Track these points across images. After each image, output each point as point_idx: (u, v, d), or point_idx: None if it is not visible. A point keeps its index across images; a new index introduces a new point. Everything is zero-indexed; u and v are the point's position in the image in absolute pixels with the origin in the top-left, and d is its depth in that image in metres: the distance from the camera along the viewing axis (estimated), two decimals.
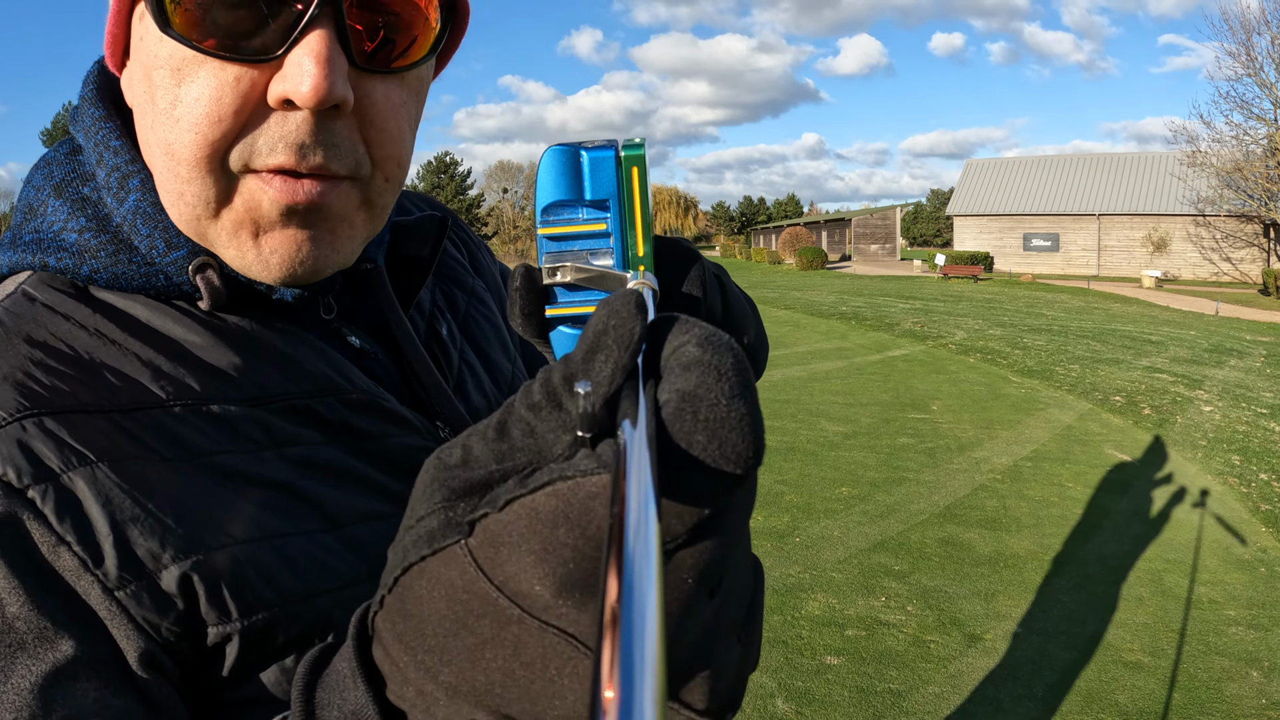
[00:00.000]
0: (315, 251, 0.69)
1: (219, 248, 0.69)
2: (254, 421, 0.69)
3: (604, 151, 0.55)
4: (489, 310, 1.01)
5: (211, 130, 0.62)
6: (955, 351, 15.07)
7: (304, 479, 0.69)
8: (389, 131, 0.69)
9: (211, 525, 0.63)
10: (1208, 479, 7.75)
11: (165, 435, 0.65)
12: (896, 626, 4.86)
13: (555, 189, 0.54)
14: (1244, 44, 40.87)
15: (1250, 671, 4.40)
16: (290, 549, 0.66)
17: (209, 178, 0.64)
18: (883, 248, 63.38)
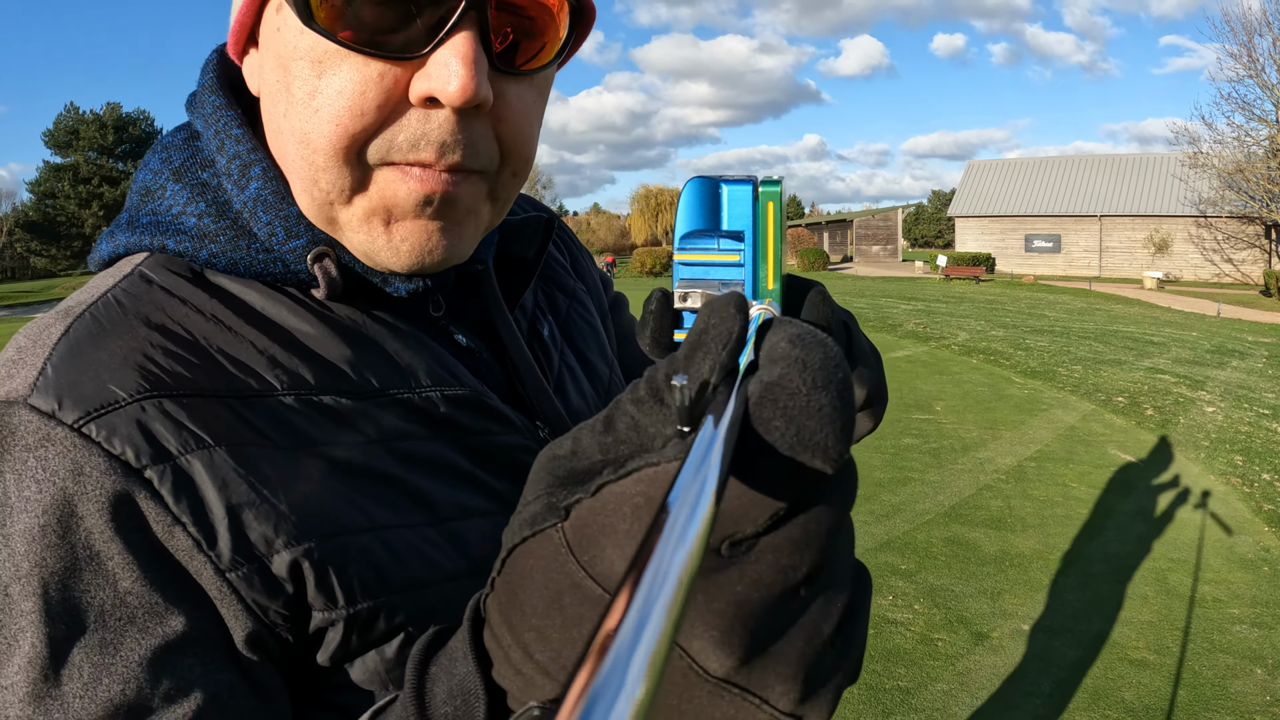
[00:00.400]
0: (444, 241, 0.70)
1: (348, 234, 0.71)
2: (364, 415, 0.70)
3: (742, 185, 0.57)
4: (589, 313, 1.02)
5: (353, 123, 0.64)
6: (958, 352, 15.10)
7: (411, 473, 0.71)
8: (520, 130, 0.70)
9: (322, 514, 0.65)
10: (1210, 479, 7.78)
11: (279, 423, 0.67)
12: (904, 625, 4.91)
13: (693, 218, 0.57)
14: (1245, 45, 40.87)
15: (1255, 669, 4.45)
16: (396, 541, 0.68)
17: (345, 168, 0.66)
18: (884, 249, 63.35)
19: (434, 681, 0.48)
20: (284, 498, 0.64)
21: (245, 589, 0.63)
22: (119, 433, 0.61)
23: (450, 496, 0.73)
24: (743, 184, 0.57)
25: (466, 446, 0.75)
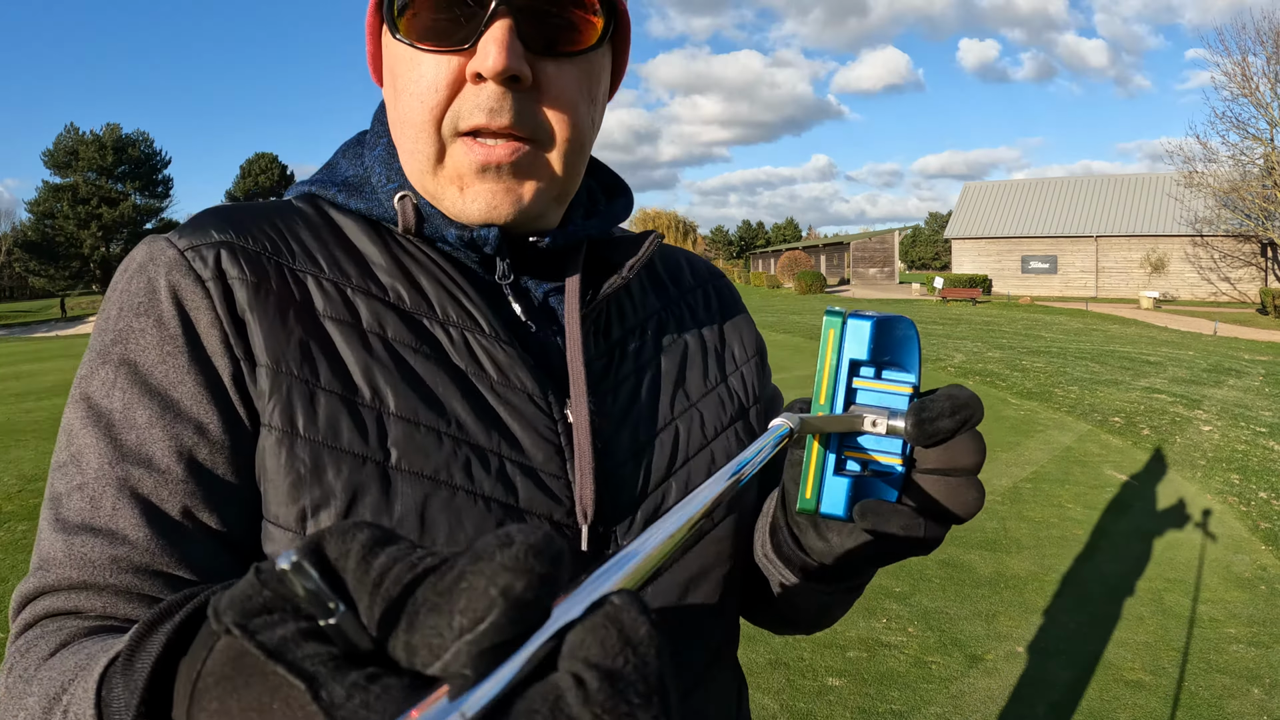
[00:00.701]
0: (507, 199, 0.87)
1: (440, 197, 0.89)
2: (378, 317, 0.86)
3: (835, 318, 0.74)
4: (696, 350, 1.06)
5: (431, 98, 0.84)
6: (954, 374, 15.09)
7: (388, 371, 0.83)
8: (563, 103, 0.86)
9: (307, 358, 0.81)
10: (1207, 498, 7.76)
11: (308, 291, 0.86)
12: (898, 648, 4.87)
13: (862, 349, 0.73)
14: (1239, 64, 41.12)
15: (1251, 689, 4.41)
16: (329, 402, 0.80)
17: (430, 138, 0.85)
18: (881, 271, 63.49)
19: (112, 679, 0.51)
20: (286, 336, 0.82)
21: (243, 382, 0.80)
22: (201, 256, 0.84)
23: (413, 403, 0.83)
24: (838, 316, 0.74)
25: (465, 381, 0.86)
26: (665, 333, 1.04)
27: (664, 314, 1.06)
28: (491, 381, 0.86)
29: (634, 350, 0.99)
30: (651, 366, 0.99)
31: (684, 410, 0.99)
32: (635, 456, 0.92)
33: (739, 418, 1.05)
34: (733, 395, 1.06)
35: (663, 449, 0.94)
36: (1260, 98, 40.61)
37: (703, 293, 1.13)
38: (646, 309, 1.04)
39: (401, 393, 0.82)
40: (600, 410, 0.90)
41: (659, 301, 1.07)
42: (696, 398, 1.01)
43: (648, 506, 0.91)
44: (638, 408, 0.95)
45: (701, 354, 1.06)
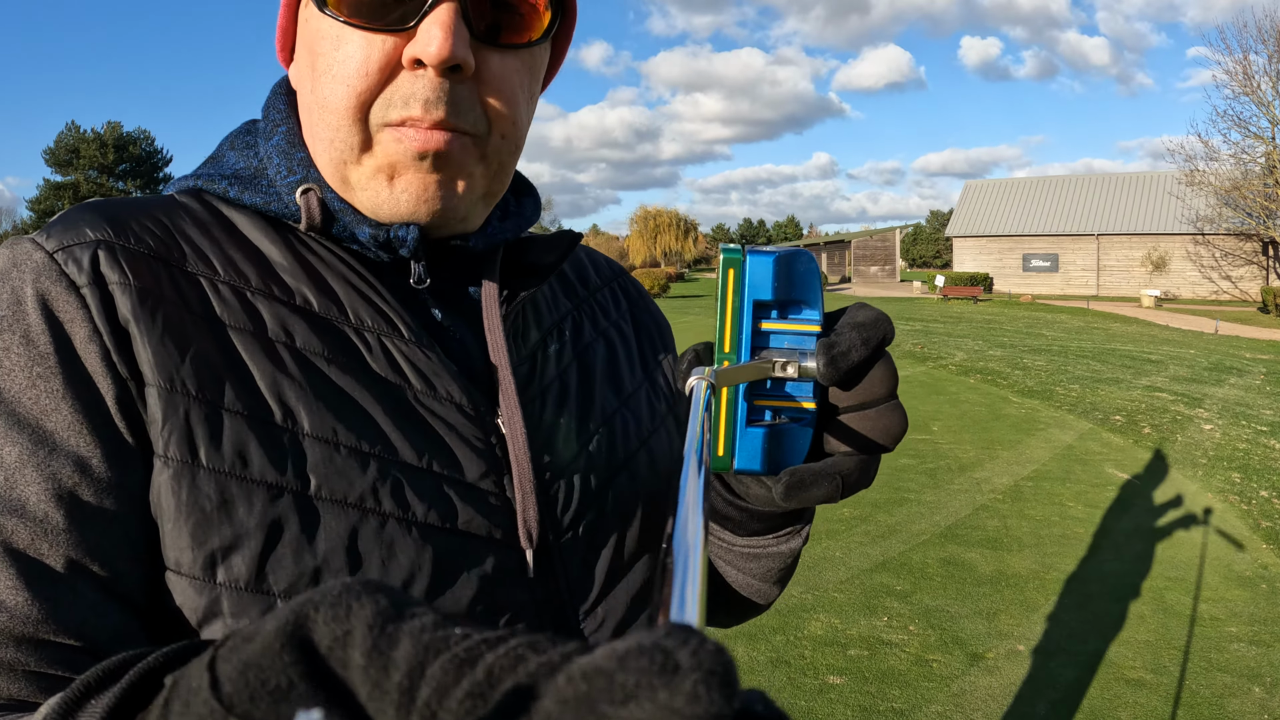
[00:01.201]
0: (440, 193, 0.80)
1: (358, 192, 0.80)
2: (284, 324, 0.76)
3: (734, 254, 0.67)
4: (615, 350, 1.02)
5: (359, 83, 0.76)
6: (955, 372, 15.09)
7: (299, 385, 0.74)
8: (504, 96, 0.80)
9: (201, 373, 0.71)
10: (1208, 497, 7.76)
11: (204, 298, 0.76)
12: (899, 646, 4.87)
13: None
14: (1241, 62, 41.09)
15: (1253, 687, 4.41)
16: (234, 426, 0.71)
17: (354, 126, 0.77)
18: (882, 269, 63.48)
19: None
20: (180, 350, 0.72)
21: (130, 405, 0.70)
22: (74, 258, 0.72)
23: (328, 420, 0.74)
24: (737, 253, 0.67)
25: (386, 392, 0.77)
26: (581, 334, 0.99)
27: (577, 314, 1.00)
28: (415, 391, 0.78)
29: (554, 353, 0.92)
30: (574, 369, 0.94)
31: (614, 411, 0.94)
32: (571, 466, 0.85)
33: (670, 413, 1.03)
34: (659, 391, 1.03)
35: (598, 455, 0.89)
36: (1261, 96, 40.59)
37: (610, 291, 1.09)
38: (559, 310, 0.98)
39: (316, 409, 0.73)
40: (529, 418, 0.84)
41: (570, 302, 1.01)
42: (625, 397, 0.97)
43: (590, 519, 0.85)
44: (567, 414, 0.89)
45: (622, 352, 1.02)
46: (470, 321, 0.87)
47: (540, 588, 0.80)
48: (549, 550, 0.81)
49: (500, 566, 0.77)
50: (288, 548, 0.69)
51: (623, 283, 1.12)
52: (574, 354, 0.95)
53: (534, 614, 0.79)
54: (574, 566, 0.83)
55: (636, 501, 0.90)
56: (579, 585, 0.83)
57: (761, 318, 0.67)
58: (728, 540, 0.89)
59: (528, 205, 0.98)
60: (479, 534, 0.76)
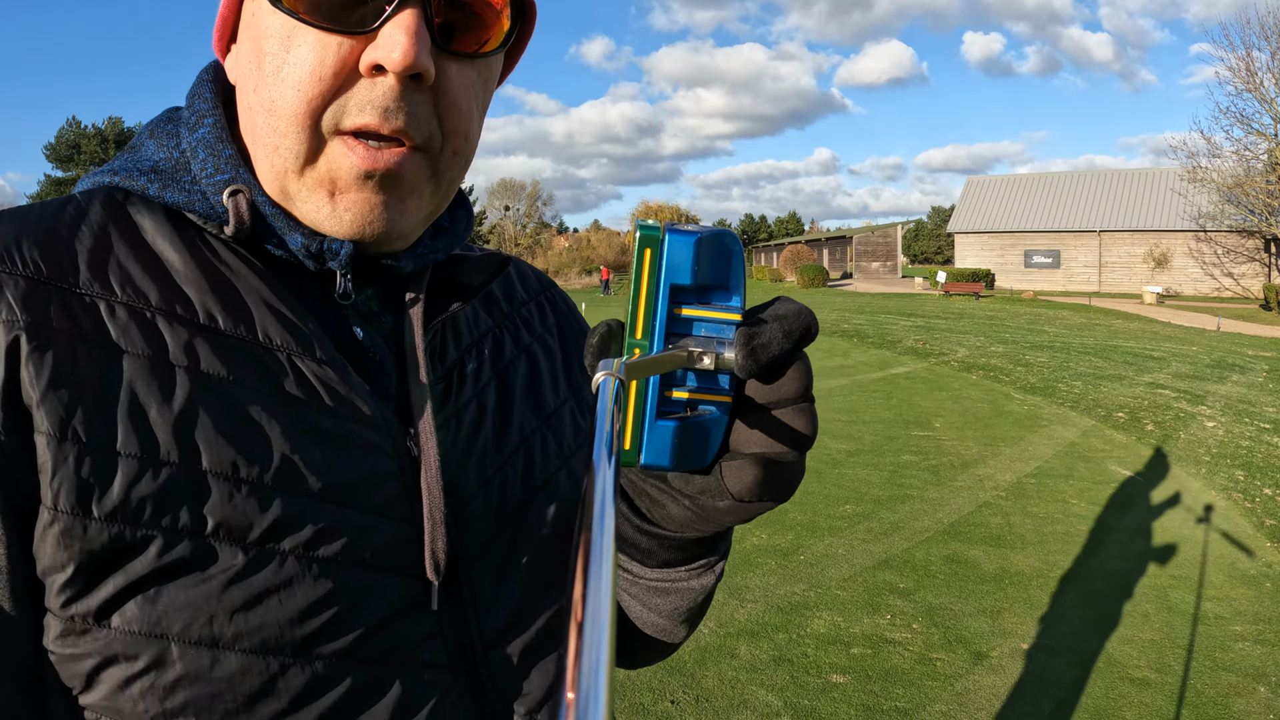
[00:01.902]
0: (386, 214, 0.75)
1: (298, 203, 0.75)
2: (189, 346, 0.71)
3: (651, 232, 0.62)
4: (537, 366, 0.98)
5: (312, 88, 0.71)
6: (957, 369, 15.08)
7: (204, 416, 0.70)
8: (460, 107, 0.76)
9: (93, 408, 0.67)
10: (1211, 494, 7.74)
11: (98, 322, 0.70)
12: (902, 644, 4.86)
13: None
14: (1244, 59, 41.02)
15: (1258, 687, 4.39)
16: (129, 471, 0.66)
17: (303, 134, 0.72)
18: (884, 265, 63.45)
19: None
20: (71, 392, 0.67)
21: (19, 463, 0.65)
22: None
23: (232, 453, 0.70)
24: (657, 232, 0.62)
25: (297, 415, 0.73)
26: (502, 351, 0.95)
27: (499, 331, 0.96)
28: (326, 414, 0.74)
29: (472, 373, 0.89)
30: (492, 388, 0.90)
31: (534, 431, 0.91)
32: (484, 489, 0.83)
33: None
34: (585, 406, 1.00)
35: (514, 477, 0.86)
36: (1264, 93, 40.53)
37: (536, 305, 1.05)
38: (480, 328, 0.94)
39: (217, 442, 0.69)
40: (443, 441, 0.81)
41: (492, 319, 0.97)
42: (546, 416, 0.94)
43: (502, 545, 0.83)
44: (483, 435, 0.86)
45: (545, 368, 0.98)
46: (390, 340, 0.84)
47: (447, 619, 0.78)
48: (458, 579, 0.79)
49: (405, 599, 0.75)
50: (181, 591, 0.66)
51: (550, 295, 1.09)
52: (493, 372, 0.92)
53: (440, 646, 0.77)
54: (483, 595, 0.80)
55: (555, 524, 0.87)
56: (489, 615, 0.81)
57: (679, 303, 0.62)
58: (636, 573, 0.85)
59: (460, 220, 0.93)
60: (384, 566, 0.74)
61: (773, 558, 6.11)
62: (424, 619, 0.76)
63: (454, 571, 0.78)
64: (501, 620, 0.81)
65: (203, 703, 0.67)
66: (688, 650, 4.71)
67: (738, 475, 0.65)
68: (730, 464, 0.65)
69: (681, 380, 0.63)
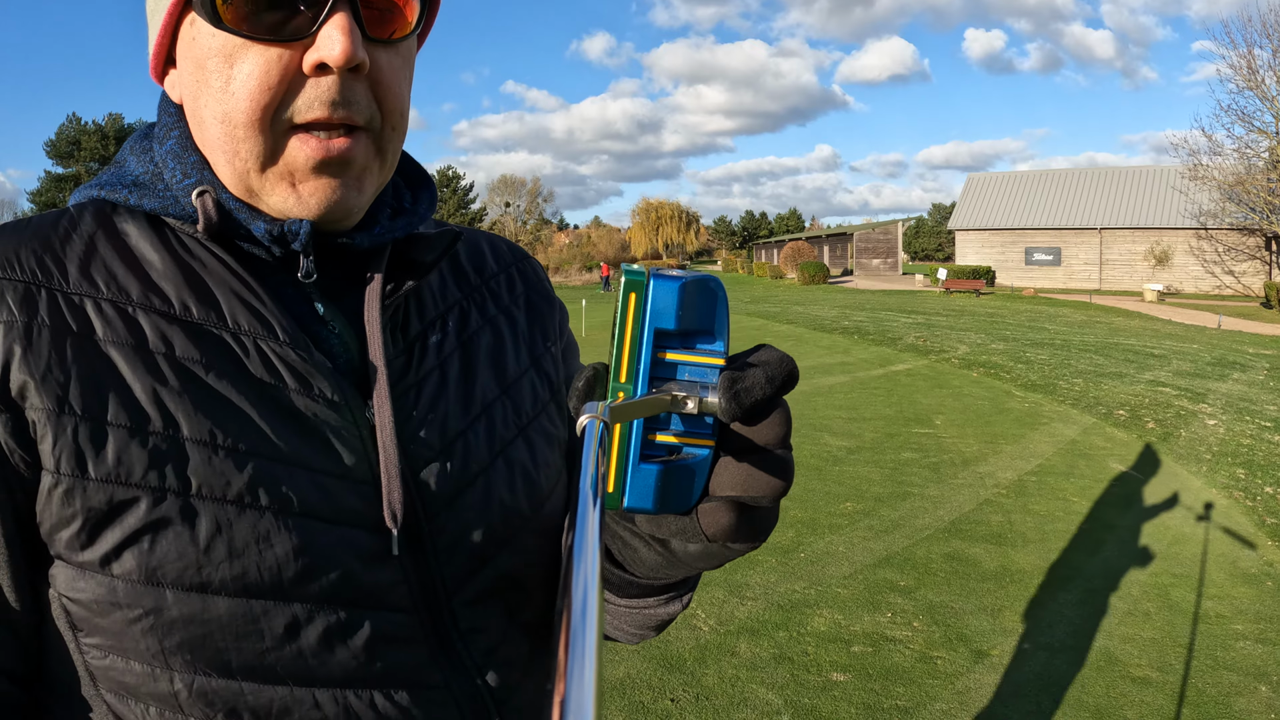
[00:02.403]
0: (344, 193, 0.83)
1: (264, 195, 0.83)
2: (164, 335, 0.81)
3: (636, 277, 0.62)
4: (501, 338, 1.04)
5: (263, 96, 0.78)
6: (958, 366, 15.07)
7: (178, 393, 0.79)
8: (393, 88, 0.84)
9: (80, 389, 0.76)
10: (1213, 493, 7.73)
11: (84, 318, 0.80)
12: (903, 642, 4.85)
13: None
14: (1245, 57, 40.97)
15: (1259, 686, 4.38)
16: (119, 439, 0.76)
17: (260, 136, 0.79)
18: (884, 262, 63.42)
19: None
20: (65, 375, 0.77)
21: (19, 437, 0.76)
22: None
23: (206, 424, 0.79)
24: (643, 278, 0.62)
25: (261, 392, 0.82)
26: (467, 322, 1.01)
27: (465, 303, 1.03)
28: (290, 390, 0.83)
29: (435, 344, 0.96)
30: (456, 358, 0.97)
31: (494, 399, 0.97)
32: (445, 452, 0.90)
33: (553, 400, 1.05)
34: (544, 377, 1.05)
35: (474, 441, 0.93)
36: (1266, 91, 40.47)
37: (506, 277, 1.10)
38: (447, 300, 1.01)
39: (195, 416, 0.78)
40: (403, 408, 0.89)
41: (460, 291, 1.03)
42: (506, 385, 1.00)
43: (462, 501, 0.89)
44: (444, 402, 0.92)
45: (509, 337, 1.04)
46: (352, 317, 0.91)
47: (410, 567, 0.85)
48: (420, 532, 0.86)
49: (369, 549, 0.83)
50: (172, 543, 0.75)
51: (521, 267, 1.14)
52: (458, 343, 0.98)
53: (405, 591, 0.85)
54: (444, 546, 0.88)
55: (510, 486, 0.94)
56: (449, 563, 0.88)
57: (663, 347, 0.63)
58: (607, 598, 0.92)
59: (423, 200, 0.99)
60: (348, 520, 0.82)
61: (773, 555, 6.10)
62: (389, 567, 0.84)
63: (416, 525, 0.86)
64: (461, 569, 0.89)
65: (196, 642, 0.76)
66: (688, 648, 4.70)
67: (714, 517, 0.67)
68: (707, 506, 0.67)
69: (665, 424, 0.64)
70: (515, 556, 0.94)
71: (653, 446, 0.64)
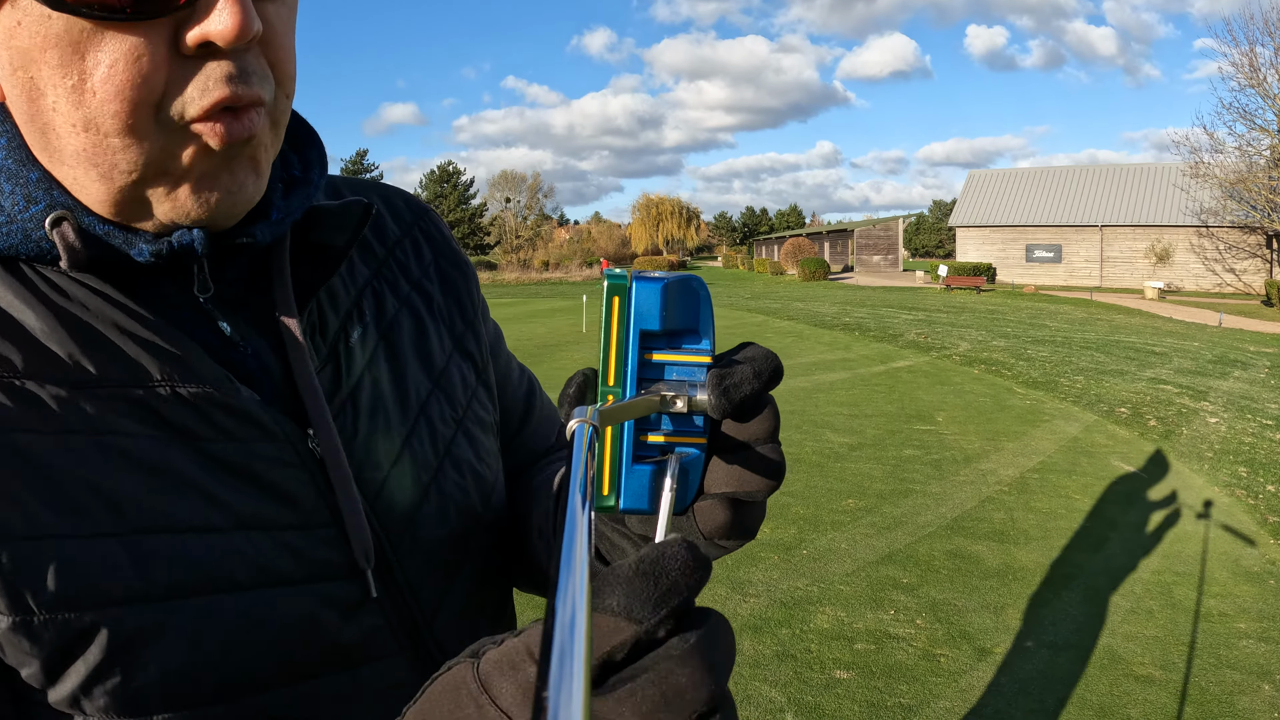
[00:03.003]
0: (248, 183, 0.69)
1: (156, 205, 0.67)
2: (72, 405, 0.65)
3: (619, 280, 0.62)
4: (421, 320, 0.93)
5: (136, 93, 0.61)
6: (959, 363, 15.06)
7: (112, 475, 0.65)
8: (285, 49, 0.69)
9: (14, 511, 0.61)
10: (1214, 491, 7.73)
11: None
12: (906, 640, 4.85)
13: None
14: (1247, 54, 40.92)
15: (1262, 685, 4.38)
16: (62, 552, 0.62)
17: (143, 140, 0.63)
18: (885, 259, 63.38)
19: None
20: None
21: None
22: None
23: (156, 506, 0.66)
24: (625, 281, 0.62)
25: (197, 450, 0.69)
26: (383, 307, 0.89)
27: (376, 283, 0.90)
28: (225, 441, 0.70)
29: (358, 341, 0.84)
30: (381, 355, 0.86)
31: (428, 395, 0.89)
32: (395, 467, 0.81)
33: (479, 381, 0.97)
34: (468, 359, 0.97)
35: (419, 446, 0.84)
36: (1268, 89, 40.41)
37: (410, 242, 0.97)
38: (357, 282, 0.88)
39: (135, 502, 0.65)
40: (344, 429, 0.78)
41: (367, 268, 0.90)
42: (436, 376, 0.91)
43: (422, 518, 0.82)
44: (382, 411, 0.82)
45: (429, 322, 0.94)
46: (263, 327, 0.78)
47: (389, 606, 0.78)
48: (386, 561, 0.78)
49: (345, 600, 0.75)
50: (148, 665, 0.64)
51: (424, 226, 1.01)
52: (379, 335, 0.87)
53: (389, 635, 0.78)
54: (413, 570, 0.81)
55: (462, 487, 0.88)
56: (423, 588, 0.82)
57: (649, 349, 0.63)
58: None
59: (314, 166, 0.84)
60: (322, 574, 0.73)
61: (775, 552, 6.10)
62: (369, 613, 0.76)
63: (381, 554, 0.78)
64: (435, 590, 0.82)
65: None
66: None
67: (709, 515, 0.65)
68: (702, 504, 0.65)
69: (657, 424, 0.64)
70: (476, 560, 0.89)
71: (645, 447, 0.64)
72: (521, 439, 1.08)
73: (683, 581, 0.44)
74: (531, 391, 1.12)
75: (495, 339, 1.07)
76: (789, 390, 12.30)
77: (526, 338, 19.66)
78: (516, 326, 22.69)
